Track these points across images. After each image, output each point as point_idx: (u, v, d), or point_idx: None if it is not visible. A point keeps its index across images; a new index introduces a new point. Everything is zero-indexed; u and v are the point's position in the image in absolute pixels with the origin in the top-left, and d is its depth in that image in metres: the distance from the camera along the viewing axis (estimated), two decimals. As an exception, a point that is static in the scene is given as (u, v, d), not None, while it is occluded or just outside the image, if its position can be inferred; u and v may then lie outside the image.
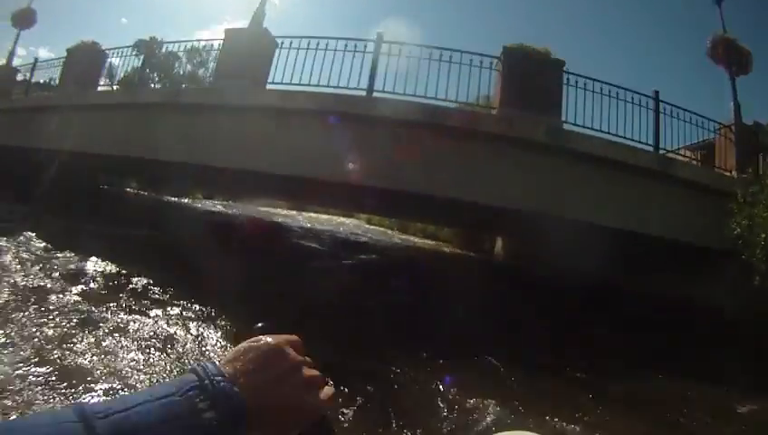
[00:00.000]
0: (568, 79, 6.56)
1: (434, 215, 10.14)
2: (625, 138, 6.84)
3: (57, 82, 10.47)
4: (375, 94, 5.81)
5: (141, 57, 8.45)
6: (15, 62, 14.05)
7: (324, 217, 24.80)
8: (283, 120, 5.96)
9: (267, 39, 6.73)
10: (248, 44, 6.70)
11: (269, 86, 6.50)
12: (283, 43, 6.62)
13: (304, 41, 6.36)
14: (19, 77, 12.79)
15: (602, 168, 6.25)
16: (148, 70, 8.27)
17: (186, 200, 18.64)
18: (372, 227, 22.44)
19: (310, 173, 5.92)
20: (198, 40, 7.69)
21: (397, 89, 5.93)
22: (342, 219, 24.70)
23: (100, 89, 9.38)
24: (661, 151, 7.18)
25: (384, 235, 17.80)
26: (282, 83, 6.35)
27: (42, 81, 11.72)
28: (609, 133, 6.64)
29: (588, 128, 6.54)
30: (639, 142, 6.99)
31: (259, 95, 6.17)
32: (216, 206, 18.79)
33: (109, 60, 9.70)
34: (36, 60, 12.22)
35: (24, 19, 14.33)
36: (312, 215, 24.34)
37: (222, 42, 7.08)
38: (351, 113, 5.47)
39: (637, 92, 7.15)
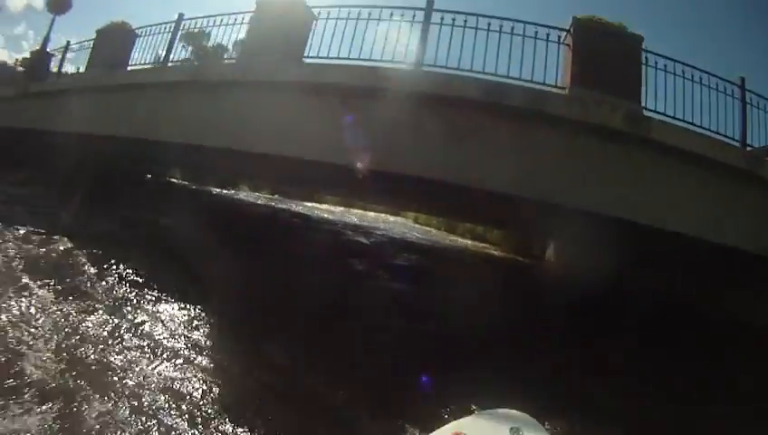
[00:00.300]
0: (646, 58, 5.65)
1: (487, 213, 9.19)
2: (710, 130, 5.91)
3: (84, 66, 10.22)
4: (424, 69, 5.04)
5: (168, 36, 7.91)
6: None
7: (372, 214, 24.42)
8: (316, 99, 5.27)
9: (302, 9, 6.07)
10: (281, 15, 6.04)
11: (304, 60, 5.83)
12: (320, 13, 5.96)
13: (344, 10, 5.66)
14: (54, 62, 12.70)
15: (682, 163, 5.30)
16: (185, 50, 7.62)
17: (228, 192, 18.27)
18: (419, 226, 22.01)
19: (344, 160, 5.20)
20: (228, 14, 6.91)
21: (450, 64, 5.05)
22: (390, 217, 24.47)
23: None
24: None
25: (430, 234, 17.31)
26: (318, 57, 5.67)
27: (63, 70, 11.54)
28: (690, 123, 5.72)
29: (668, 116, 5.62)
30: (725, 136, 6.03)
31: (290, 70, 5.49)
32: (260, 199, 18.37)
33: (159, 50, 9.22)
34: (69, 43, 12.06)
35: (59, 4, 14.28)
36: (360, 212, 23.93)
37: (252, 14, 6.45)
38: (395, 90, 4.71)
39: (722, 78, 6.18)
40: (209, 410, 2.30)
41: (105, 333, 2.96)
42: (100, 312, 3.29)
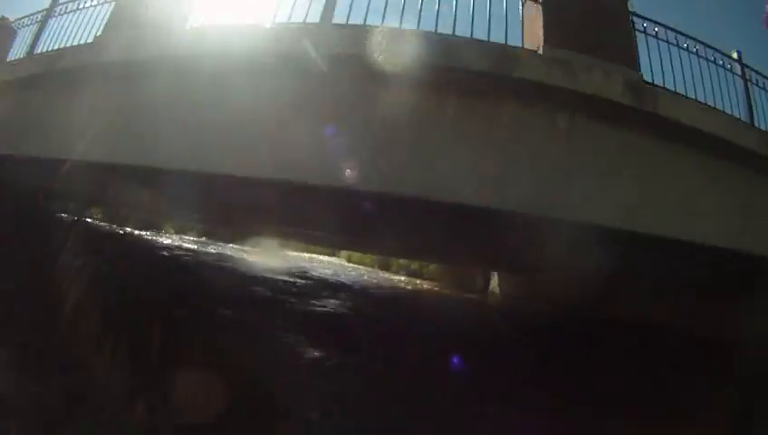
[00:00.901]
0: (633, 22, 4.38)
1: (428, 240, 7.58)
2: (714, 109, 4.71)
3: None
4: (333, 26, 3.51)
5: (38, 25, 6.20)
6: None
7: (306, 255, 23.15)
8: (199, 81, 3.72)
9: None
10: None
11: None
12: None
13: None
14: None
15: (692, 150, 4.00)
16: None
17: (146, 234, 15.59)
18: (352, 264, 21.44)
19: (238, 170, 3.61)
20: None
21: (371, 23, 3.55)
22: (322, 257, 23.60)
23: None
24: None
25: (362, 273, 16.29)
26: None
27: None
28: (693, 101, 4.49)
29: (668, 90, 4.34)
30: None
31: (161, 43, 3.89)
32: (182, 242, 15.39)
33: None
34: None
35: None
36: (290, 253, 21.77)
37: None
38: (292, 54, 3.18)
39: (720, 51, 5.03)
40: None
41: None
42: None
